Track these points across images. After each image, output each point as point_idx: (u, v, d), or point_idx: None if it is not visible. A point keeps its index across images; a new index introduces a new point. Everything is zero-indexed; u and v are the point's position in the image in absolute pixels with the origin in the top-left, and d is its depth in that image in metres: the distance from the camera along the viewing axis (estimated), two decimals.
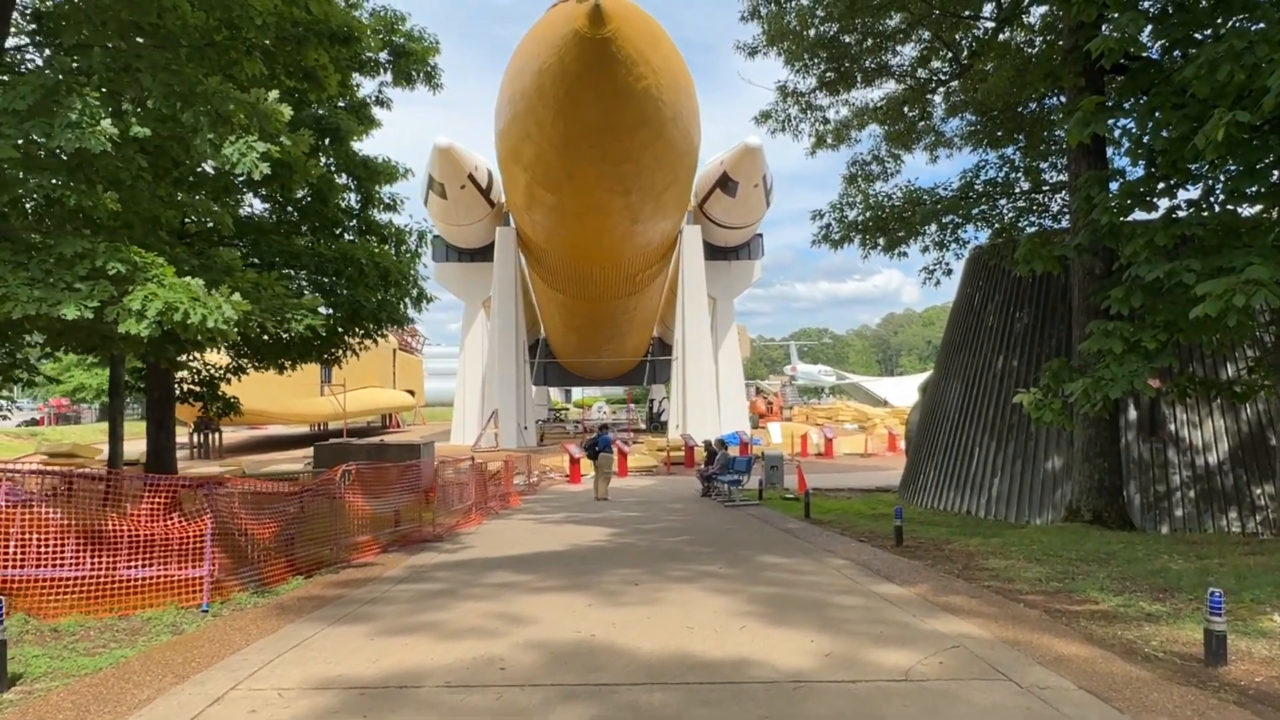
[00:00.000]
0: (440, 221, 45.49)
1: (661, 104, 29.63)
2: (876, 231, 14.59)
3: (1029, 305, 17.76)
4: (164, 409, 15.03)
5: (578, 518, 16.38)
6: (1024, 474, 17.05)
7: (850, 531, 13.07)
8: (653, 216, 36.14)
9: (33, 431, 50.41)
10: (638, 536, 12.99)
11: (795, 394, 76.64)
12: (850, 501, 20.06)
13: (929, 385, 22.23)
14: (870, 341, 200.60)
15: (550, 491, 25.59)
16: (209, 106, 6.81)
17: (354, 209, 16.17)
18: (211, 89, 6.83)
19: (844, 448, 38.28)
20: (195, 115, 6.77)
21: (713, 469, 21.17)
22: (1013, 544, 10.58)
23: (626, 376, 66.68)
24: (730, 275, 48.33)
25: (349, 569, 10.19)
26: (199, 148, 6.80)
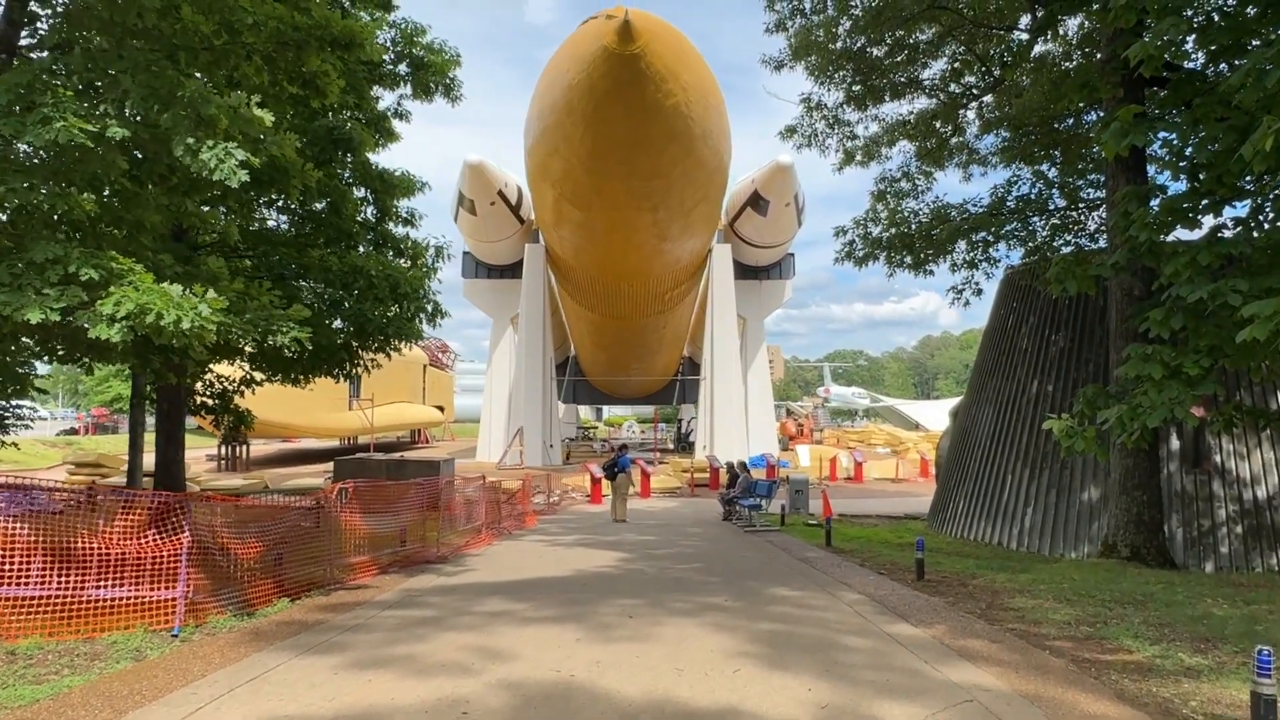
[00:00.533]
0: (470, 238, 45.57)
1: (691, 121, 29.33)
2: (902, 249, 14.02)
3: (1065, 328, 17.04)
4: (173, 422, 14.86)
5: (591, 540, 15.90)
6: (1058, 505, 16.28)
7: (871, 562, 12.44)
8: (681, 234, 35.78)
9: (68, 440, 51.14)
10: (647, 562, 12.48)
11: (827, 416, 75.55)
12: (876, 529, 19.36)
13: (960, 410, 21.49)
14: (906, 364, 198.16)
15: (570, 512, 25.13)
16: (189, 110, 6.53)
17: (370, 222, 15.96)
18: (192, 91, 6.56)
19: (874, 472, 37.35)
20: (174, 118, 6.49)
21: (734, 492, 20.58)
22: (1042, 581, 9.91)
23: (656, 396, 66.14)
24: (761, 295, 47.73)
25: (341, 591, 9.82)
26: (176, 151, 6.52)
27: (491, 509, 16.84)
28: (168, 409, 14.68)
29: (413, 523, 12.86)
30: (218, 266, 7.98)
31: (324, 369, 15.06)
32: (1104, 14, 10.32)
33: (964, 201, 14.65)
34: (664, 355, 56.15)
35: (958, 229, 13.61)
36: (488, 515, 16.30)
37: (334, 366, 15.15)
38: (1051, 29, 13.43)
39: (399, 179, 16.04)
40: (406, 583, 10.51)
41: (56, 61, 7.02)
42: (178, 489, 14.77)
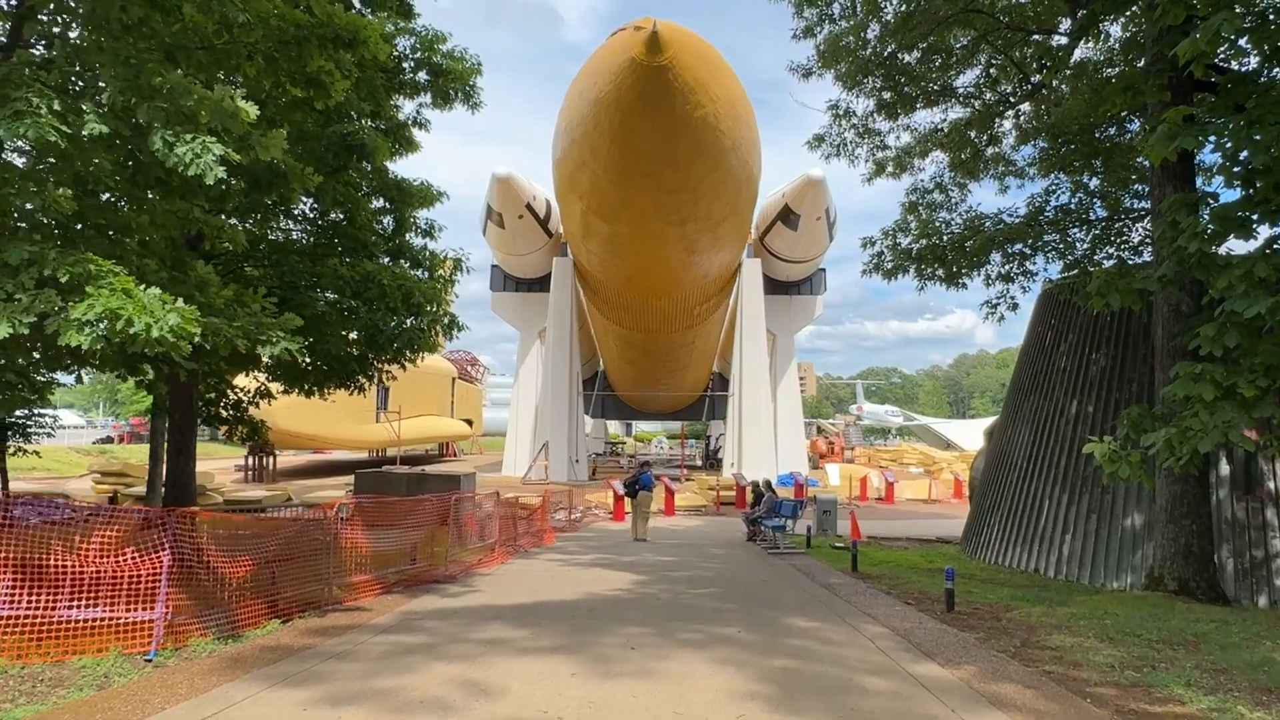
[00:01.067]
0: (499, 251, 45.49)
1: (719, 133, 28.91)
2: (934, 261, 13.40)
3: (1106, 345, 16.26)
4: (184, 433, 14.61)
5: (608, 560, 15.39)
6: (1099, 532, 15.46)
7: (898, 590, 11.79)
8: (710, 248, 35.31)
9: (102, 449, 51.73)
10: (662, 586, 11.94)
11: (859, 434, 74.37)
12: (906, 553, 18.61)
13: (995, 430, 20.69)
14: (941, 382, 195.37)
15: (591, 529, 24.62)
16: (166, 102, 6.21)
17: (387, 232, 15.68)
18: (170, 84, 6.23)
19: (906, 492, 36.41)
20: (151, 110, 6.17)
21: (758, 512, 19.94)
22: (1082, 616, 9.22)
23: (686, 411, 65.53)
24: (791, 310, 47.05)
25: (338, 612, 9.41)
26: (152, 145, 6.19)
27: (506, 526, 16.40)
28: (179, 420, 14.44)
29: (423, 540, 12.46)
30: (206, 271, 7.66)
31: (335, 380, 14.74)
32: (1150, 11, 9.73)
33: (999, 212, 14.01)
34: (693, 371, 55.59)
35: (992, 240, 12.96)
36: (502, 532, 15.86)
37: (346, 378, 14.84)
38: (1092, 32, 12.80)
39: (417, 189, 15.75)
40: (407, 604, 10.07)
41: (38, 57, 6.76)
42: (188, 502, 14.51)
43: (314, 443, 43.43)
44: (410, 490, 23.03)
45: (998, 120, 16.48)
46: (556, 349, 41.86)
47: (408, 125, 16.63)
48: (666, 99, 26.75)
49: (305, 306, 12.91)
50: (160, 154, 6.22)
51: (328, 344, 13.16)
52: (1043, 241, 13.26)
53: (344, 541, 10.16)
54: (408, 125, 16.63)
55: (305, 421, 39.36)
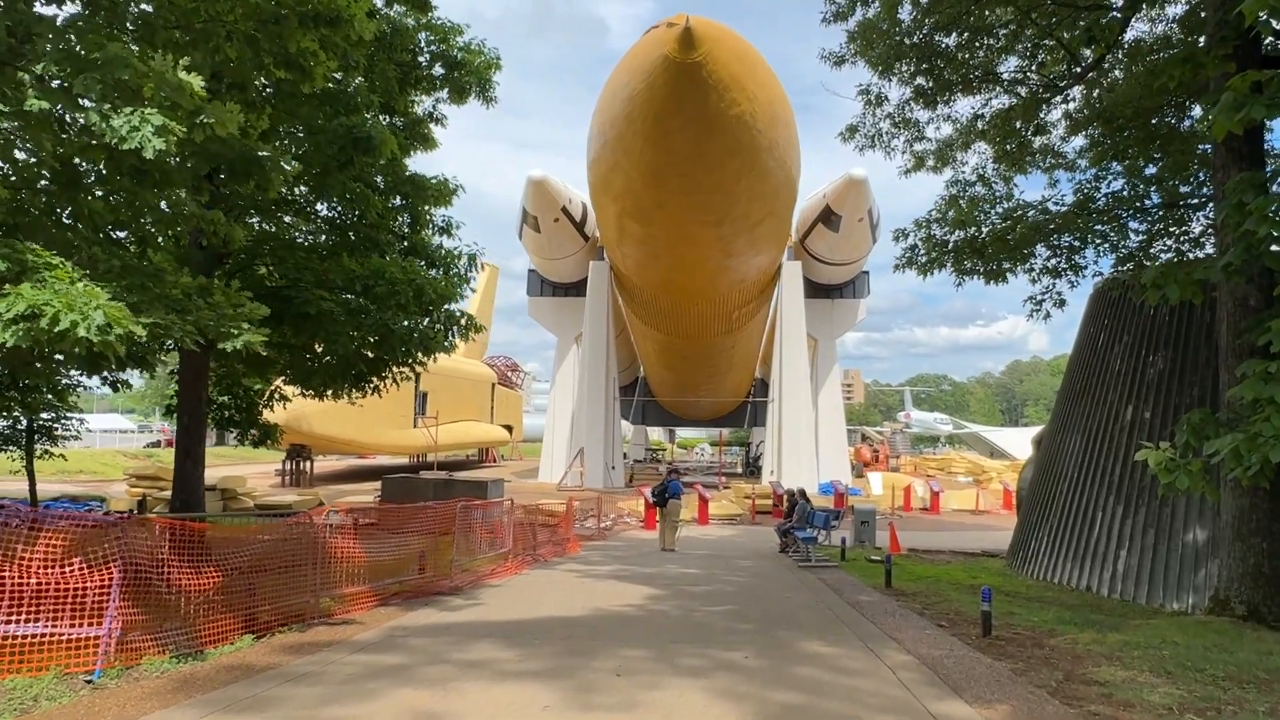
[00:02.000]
0: (534, 255, 45.16)
1: (756, 132, 28.08)
2: (972, 255, 12.42)
3: (1164, 346, 15.09)
4: (192, 437, 14.25)
5: (628, 572, 14.66)
6: (1157, 547, 14.30)
7: (932, 610, 10.86)
8: (747, 251, 34.44)
9: (149, 453, 52.50)
10: (677, 602, 11.17)
11: (906, 442, 72.55)
12: (947, 567, 17.56)
13: (1044, 438, 19.52)
14: (993, 390, 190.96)
15: (620, 538, 23.93)
16: (104, 73, 5.70)
17: (403, 230, 15.21)
18: (110, 55, 5.72)
19: (952, 503, 35.05)
20: (87, 81, 5.66)
21: (790, 522, 19.06)
22: (1137, 644, 8.23)
23: (728, 418, 64.54)
24: (833, 314, 45.89)
25: (324, 626, 8.83)
26: (89, 119, 5.68)
27: (523, 535, 15.78)
28: (187, 422, 14.08)
29: (432, 549, 11.87)
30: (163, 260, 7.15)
31: (345, 381, 14.28)
32: None
33: (1043, 199, 12.96)
34: (733, 376, 54.63)
35: (1036, 230, 11.94)
36: (518, 541, 15.24)
37: (358, 379, 14.38)
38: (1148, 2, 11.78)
39: (432, 184, 15.24)
40: (400, 618, 9.46)
41: None
42: (196, 508, 14.15)
43: (350, 448, 43.44)
44: (437, 496, 22.59)
45: (1045, 108, 15.43)
46: (593, 354, 41.30)
47: (425, 121, 16.18)
48: (700, 97, 26.05)
49: (310, 304, 12.48)
50: (96, 127, 5.69)
51: (335, 344, 12.70)
52: (1094, 232, 12.15)
53: (335, 551, 9.59)
54: (425, 121, 16.18)
55: (341, 426, 39.33)
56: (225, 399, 16.02)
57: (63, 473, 42.52)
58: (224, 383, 16.12)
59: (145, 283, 6.88)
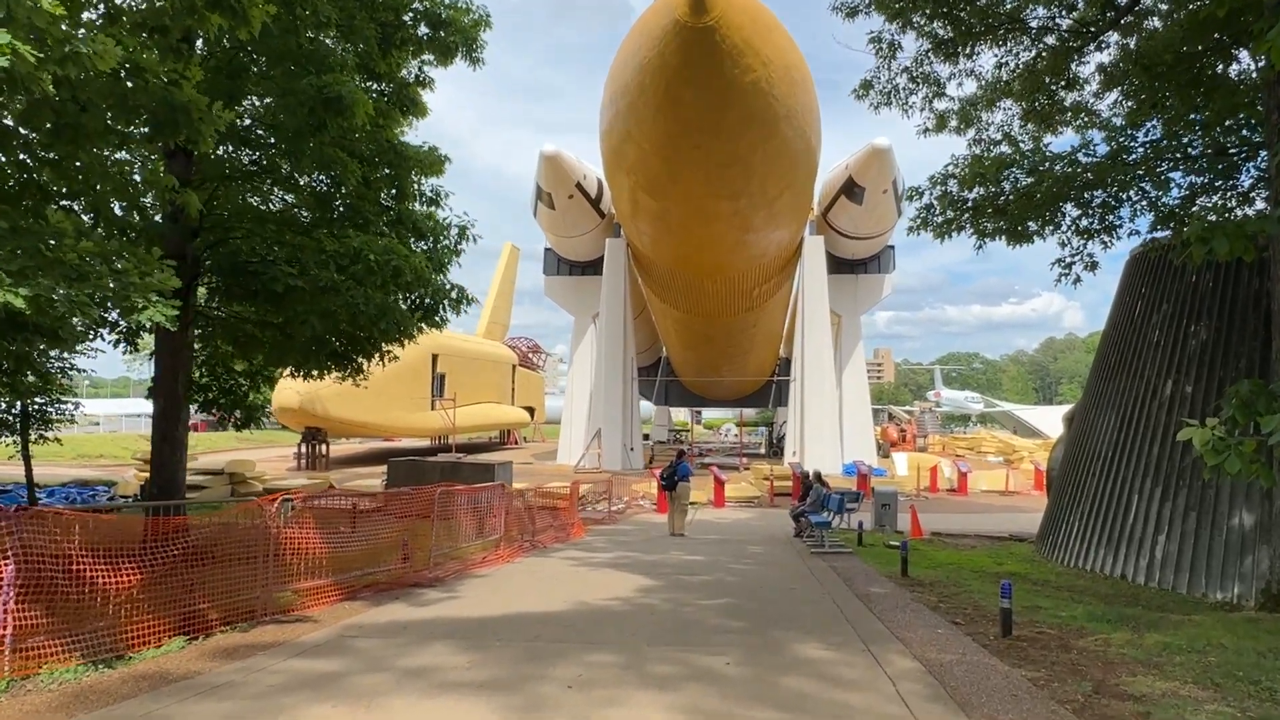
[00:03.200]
0: (550, 233, 44.29)
1: (773, 100, 26.85)
2: (994, 214, 11.28)
3: (1208, 315, 13.92)
4: (170, 419, 13.57)
5: (628, 560, 13.84)
6: (1199, 533, 13.20)
7: (948, 604, 9.91)
8: (766, 225, 33.28)
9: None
10: (670, 594, 10.31)
11: (936, 421, 71.00)
12: (971, 553, 16.55)
13: (1076, 415, 18.38)
14: (1026, 368, 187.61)
15: (631, 521, 23.14)
16: None
17: (388, 201, 14.38)
18: None
19: (982, 483, 33.80)
20: None
21: (804, 506, 18.12)
22: (1178, 647, 7.24)
23: (752, 398, 63.46)
24: (857, 290, 44.55)
25: (272, 625, 8.09)
26: None
27: (518, 521, 15.00)
28: (164, 404, 13.41)
29: (410, 538, 11.12)
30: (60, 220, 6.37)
31: (316, 362, 13.55)
32: None
33: (1072, 150, 11.74)
34: (756, 355, 53.50)
35: (1066, 184, 10.78)
36: (512, 527, 14.47)
37: (334, 359, 13.64)
38: None
39: (417, 153, 14.38)
40: (360, 615, 8.70)
41: None
42: (174, 496, 13.48)
43: (365, 430, 43.03)
44: (444, 479, 21.95)
45: (1076, 58, 14.21)
46: (610, 333, 40.44)
47: (411, 86, 15.29)
48: (713, 63, 24.92)
49: (276, 281, 11.72)
50: None
51: (304, 323, 11.93)
52: (1133, 181, 10.88)
53: (290, 543, 8.84)
54: (411, 86, 15.29)
55: (356, 409, 38.88)
56: (206, 380, 15.31)
57: (83, 457, 42.67)
58: (209, 363, 15.45)
59: (38, 245, 6.11)
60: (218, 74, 12.33)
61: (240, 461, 29.24)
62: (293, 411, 37.36)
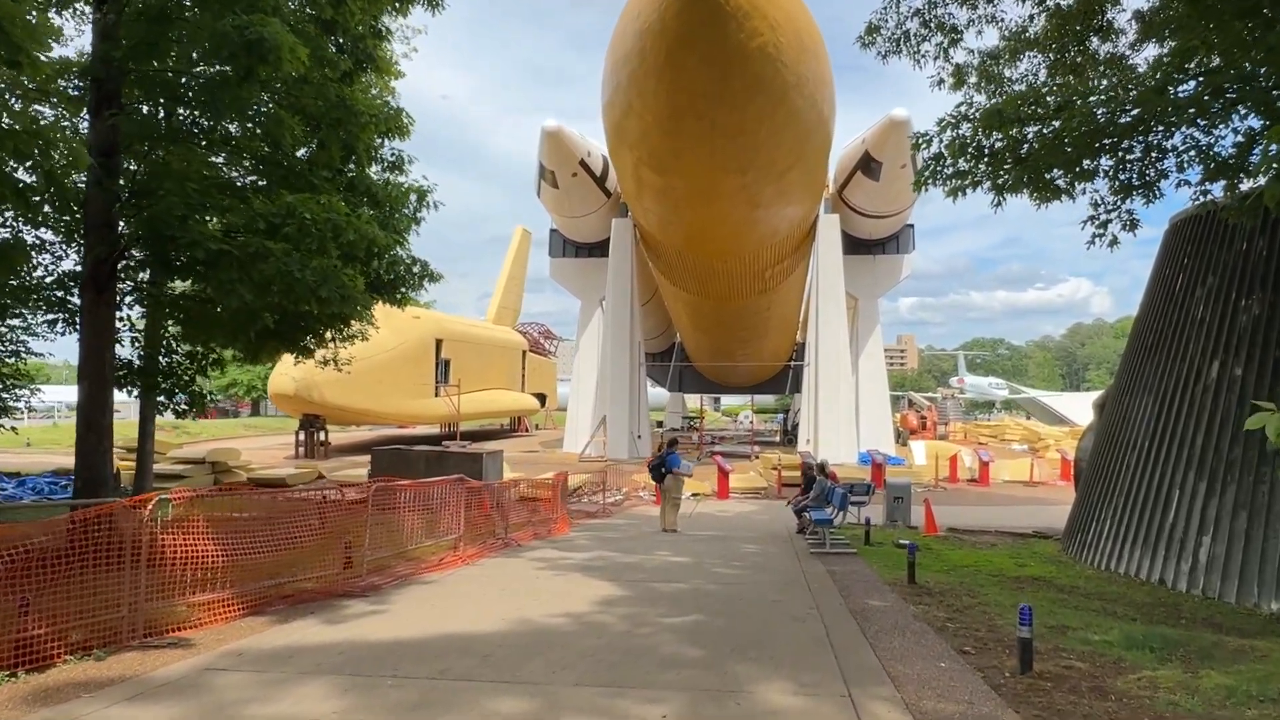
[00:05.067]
0: (554, 213, 42.79)
1: (781, 66, 25.10)
2: (1015, 166, 9.61)
3: (1261, 287, 12.25)
4: (96, 405, 12.27)
5: (601, 563, 12.42)
6: (1250, 534, 11.58)
7: (958, 622, 8.39)
8: (776, 201, 31.55)
9: (175, 424, 51.77)
10: (631, 609, 8.86)
11: (959, 408, 68.93)
12: (990, 552, 14.98)
13: (1107, 401, 16.70)
14: (1053, 354, 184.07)
15: (627, 515, 21.73)
16: None
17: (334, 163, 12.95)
18: None
19: (1005, 473, 32.05)
20: None
21: (806, 500, 16.60)
22: (1245, 694, 5.70)
23: (768, 384, 61.68)
24: (875, 271, 42.68)
25: (136, 652, 6.74)
26: None
27: (484, 517, 13.61)
28: (89, 389, 12.11)
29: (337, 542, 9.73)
30: None
31: (243, 338, 12.21)
32: None
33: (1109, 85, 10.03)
34: (771, 341, 51.76)
35: (1101, 131, 9.08)
36: (475, 526, 13.07)
37: (273, 337, 12.31)
38: None
39: (370, 108, 12.94)
40: (249, 637, 7.32)
41: None
42: (100, 492, 12.18)
43: (366, 418, 41.89)
44: (429, 470, 20.66)
45: (1111, 4, 12.50)
46: (616, 316, 38.96)
47: (367, 38, 13.85)
48: (717, 26, 23.22)
49: (196, 246, 10.37)
50: None
51: (230, 295, 10.55)
52: (1182, 120, 9.10)
53: (171, 550, 7.46)
54: (367, 38, 13.85)
55: (354, 395, 37.70)
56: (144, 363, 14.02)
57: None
58: (148, 344, 14.17)
59: None
60: (140, 19, 11.01)
61: (223, 450, 28.15)
62: (288, 398, 36.27)
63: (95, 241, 11.91)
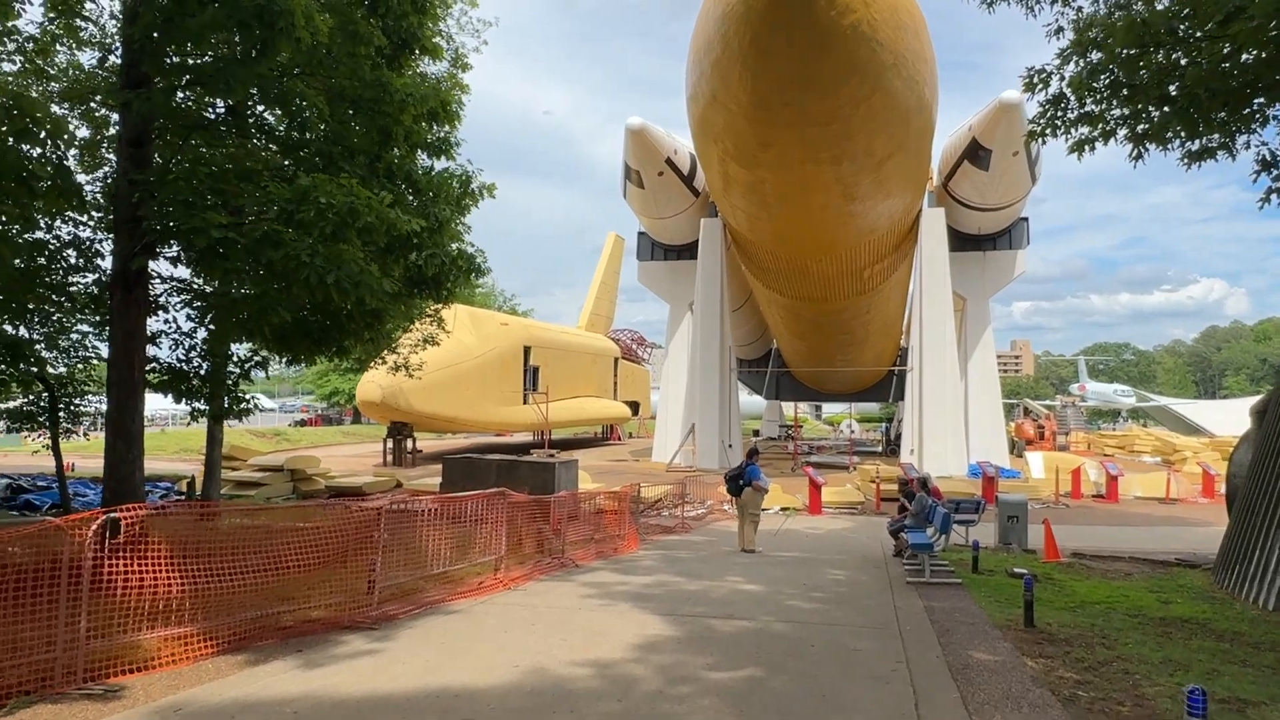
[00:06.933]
0: (641, 215, 41.57)
1: (876, 45, 23.09)
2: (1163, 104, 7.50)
3: None
4: (124, 410, 11.55)
5: (660, 589, 10.88)
6: None
7: (1094, 688, 6.47)
8: (874, 194, 29.35)
9: (277, 431, 53.04)
10: (674, 655, 7.30)
11: (1080, 417, 64.16)
12: (1126, 585, 12.69)
13: (1269, 407, 14.08)
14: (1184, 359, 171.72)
15: (706, 530, 20.09)
16: None
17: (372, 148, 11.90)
18: None
19: (1135, 488, 28.79)
20: None
21: (905, 519, 14.62)
22: None
23: (871, 391, 58.84)
24: (984, 269, 39.63)
25: (59, 704, 5.62)
26: None
27: (529, 535, 12.25)
28: (118, 394, 11.40)
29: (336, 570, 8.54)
30: None
31: (248, 336, 11.24)
32: None
33: None
34: (873, 345, 49.05)
35: None
36: (520, 542, 11.74)
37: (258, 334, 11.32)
38: None
39: (410, 87, 11.82)
40: (206, 685, 6.11)
41: None
42: (131, 499, 11.45)
43: (453, 425, 41.51)
44: (499, 479, 19.62)
45: None
46: (705, 320, 37.37)
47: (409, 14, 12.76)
48: (804, 5, 21.48)
49: (199, 234, 9.41)
50: None
51: (231, 284, 9.59)
52: None
53: (120, 578, 6.36)
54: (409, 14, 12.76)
55: (442, 403, 37.36)
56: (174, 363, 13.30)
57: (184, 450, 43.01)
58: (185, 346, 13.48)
59: None
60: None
61: (302, 457, 27.91)
62: (375, 405, 36.15)
63: (123, 237, 11.22)
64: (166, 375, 13.34)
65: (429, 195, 12.34)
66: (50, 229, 12.07)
